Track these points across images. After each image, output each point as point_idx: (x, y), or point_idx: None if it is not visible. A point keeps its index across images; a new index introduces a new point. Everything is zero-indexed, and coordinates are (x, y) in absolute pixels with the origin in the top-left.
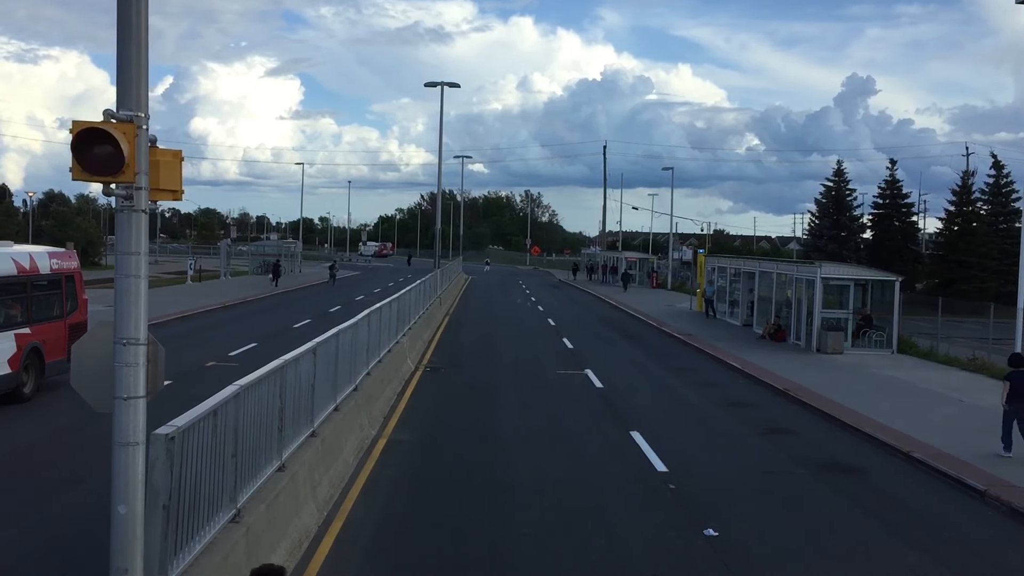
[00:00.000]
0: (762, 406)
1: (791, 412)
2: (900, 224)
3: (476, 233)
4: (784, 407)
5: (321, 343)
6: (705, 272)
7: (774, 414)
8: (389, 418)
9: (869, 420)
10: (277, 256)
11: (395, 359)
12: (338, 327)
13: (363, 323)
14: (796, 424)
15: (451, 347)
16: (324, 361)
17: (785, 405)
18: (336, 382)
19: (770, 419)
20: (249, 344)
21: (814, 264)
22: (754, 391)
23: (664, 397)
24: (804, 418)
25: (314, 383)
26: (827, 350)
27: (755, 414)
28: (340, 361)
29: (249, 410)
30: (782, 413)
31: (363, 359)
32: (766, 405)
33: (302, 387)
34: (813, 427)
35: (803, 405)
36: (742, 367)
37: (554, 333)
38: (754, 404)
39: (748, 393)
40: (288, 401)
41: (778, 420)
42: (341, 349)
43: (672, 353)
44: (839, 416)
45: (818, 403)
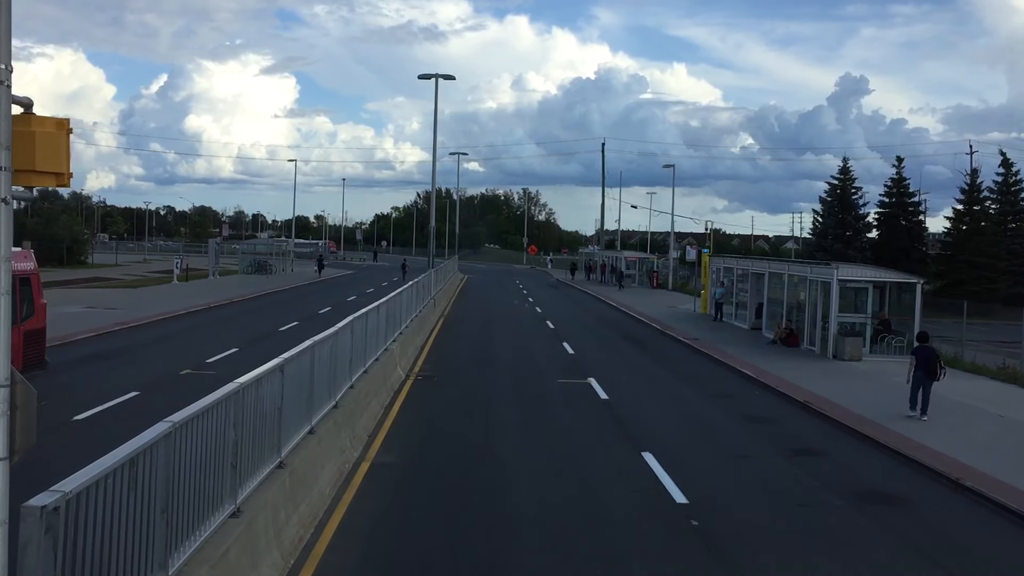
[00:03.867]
0: (783, 421)
1: (816, 428)
2: (907, 224)
3: (472, 232)
4: (807, 422)
5: (291, 358)
6: (710, 272)
7: (798, 431)
8: (375, 436)
9: (902, 438)
10: (320, 253)
11: (384, 368)
12: (314, 338)
13: (345, 331)
14: (824, 443)
15: (445, 353)
16: (296, 379)
17: (808, 420)
18: (311, 400)
19: (795, 437)
20: (230, 349)
21: (830, 265)
22: (772, 403)
23: (675, 410)
24: (831, 436)
25: (281, 406)
26: (844, 356)
27: (777, 431)
28: (317, 376)
29: (190, 449)
30: (807, 430)
31: (345, 371)
32: (788, 420)
33: (266, 412)
34: (843, 447)
35: (828, 420)
36: (756, 376)
37: (553, 337)
38: (774, 419)
39: (766, 405)
40: (246, 431)
41: (804, 438)
42: (319, 362)
43: (679, 359)
44: (869, 433)
45: (844, 417)
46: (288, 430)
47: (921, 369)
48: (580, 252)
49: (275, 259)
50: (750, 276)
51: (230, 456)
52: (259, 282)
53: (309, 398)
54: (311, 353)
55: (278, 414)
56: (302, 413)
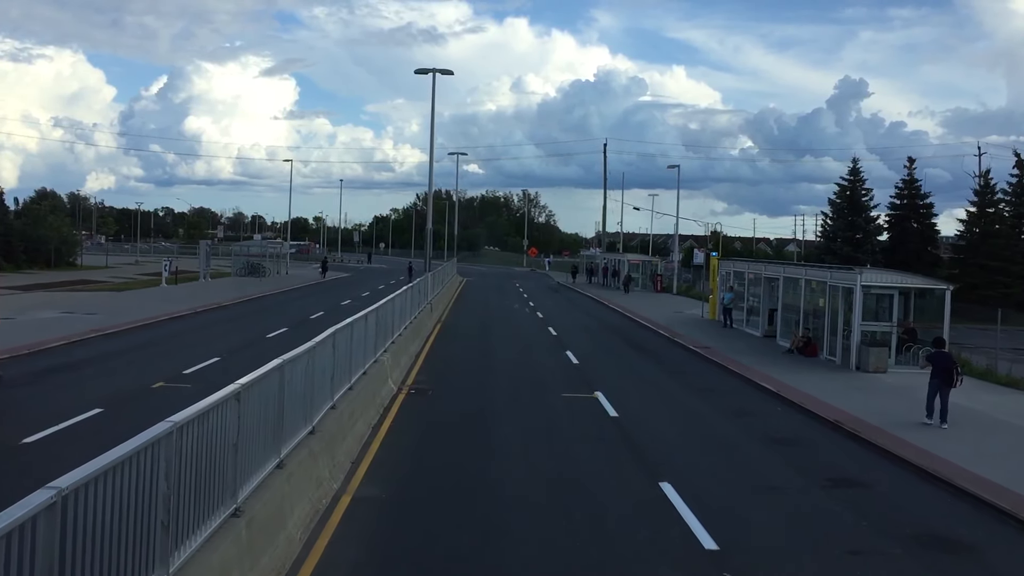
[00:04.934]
0: (815, 444)
1: (852, 453)
2: (918, 226)
3: (472, 234)
4: (841, 446)
5: (252, 383)
6: (719, 276)
7: (832, 456)
8: (359, 462)
9: (951, 465)
10: (324, 256)
11: (373, 382)
12: (283, 357)
13: (325, 346)
14: (864, 472)
15: (441, 362)
16: (259, 406)
17: (842, 443)
18: (281, 429)
19: (830, 464)
20: (210, 359)
21: (853, 270)
22: (798, 422)
23: (693, 431)
24: (871, 462)
25: (238, 441)
26: (868, 368)
27: (810, 457)
28: (288, 400)
29: (98, 513)
30: (841, 455)
31: (326, 390)
32: (819, 443)
33: (216, 451)
34: (885, 476)
35: (863, 443)
36: (776, 389)
37: (556, 344)
38: (804, 441)
39: (792, 425)
40: (187, 479)
41: (841, 466)
42: (291, 384)
43: (691, 370)
44: (913, 460)
45: (881, 439)
46: (247, 469)
47: (938, 376)
48: (581, 254)
49: (269, 261)
50: (763, 280)
51: (160, 513)
52: (251, 285)
53: (277, 426)
54: (280, 375)
55: (233, 452)
56: (267, 445)
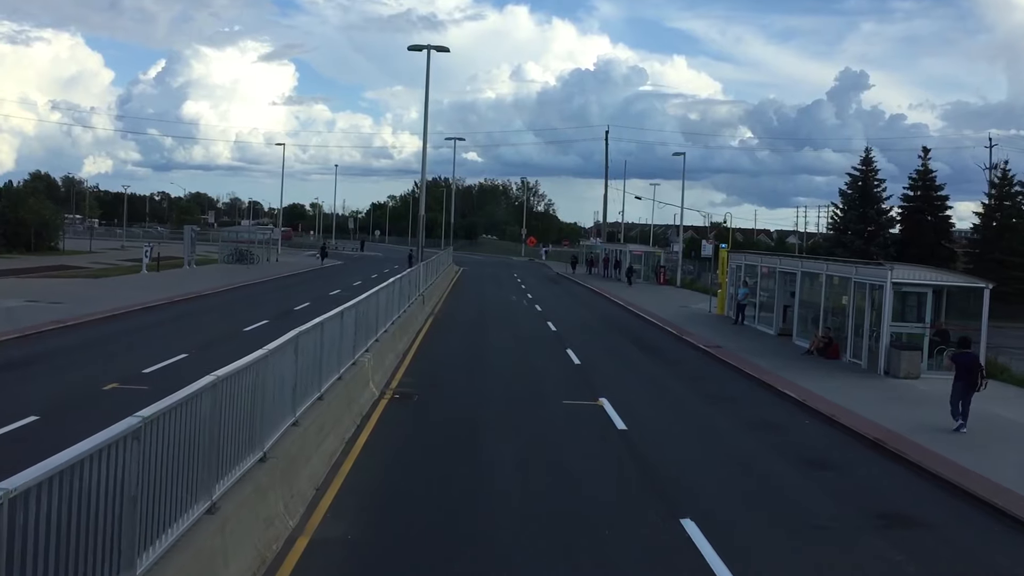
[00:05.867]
0: (856, 468)
1: (903, 481)
2: (932, 219)
3: (470, 222)
4: (887, 471)
5: (164, 412)
6: (729, 270)
7: (878, 484)
8: (325, 489)
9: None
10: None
11: (350, 388)
12: (216, 374)
13: (282, 353)
14: (921, 506)
15: (431, 362)
16: (178, 441)
17: (887, 467)
18: (214, 461)
19: (878, 496)
20: (177, 355)
21: (883, 265)
22: (832, 439)
23: (713, 449)
24: (925, 493)
25: (139, 492)
26: (899, 374)
27: (853, 485)
28: (226, 426)
29: None
30: (891, 484)
31: (285, 404)
32: (860, 467)
33: (105, 508)
34: (945, 509)
35: (913, 468)
36: (801, 398)
37: (556, 342)
38: (842, 464)
39: (825, 442)
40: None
41: (893, 498)
42: (232, 403)
43: (703, 373)
44: (976, 491)
45: (933, 464)
46: (155, 526)
47: (962, 378)
48: (581, 244)
49: (259, 248)
50: (777, 275)
51: None
52: (238, 273)
53: (209, 460)
54: (213, 396)
55: (132, 508)
56: (192, 487)
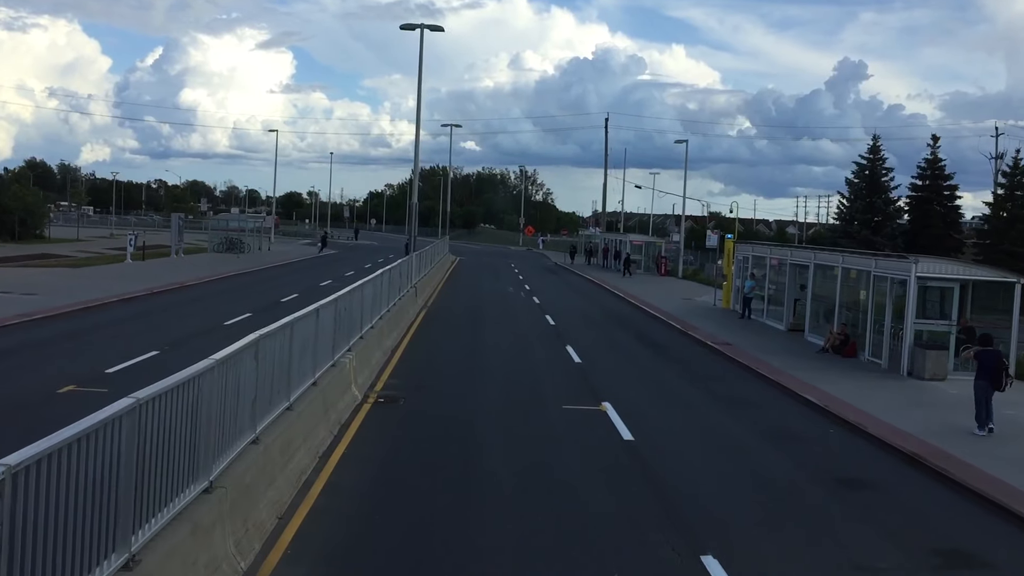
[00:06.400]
0: (894, 489)
1: (950, 506)
2: (941, 209)
3: (467, 211)
4: (931, 494)
5: (60, 447)
6: (734, 261)
7: (925, 509)
8: (290, 518)
9: None
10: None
11: (327, 393)
12: (136, 396)
13: (240, 359)
14: (976, 537)
15: (421, 360)
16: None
17: (930, 488)
18: (135, 507)
19: (929, 525)
20: (147, 353)
21: (907, 258)
22: (863, 452)
23: (731, 465)
24: (976, 519)
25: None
26: (924, 375)
27: (895, 510)
28: (152, 458)
29: None
30: (938, 509)
31: (243, 421)
32: (899, 487)
33: None
34: (1005, 542)
35: (960, 490)
36: (822, 403)
37: (554, 337)
38: (879, 483)
39: (856, 456)
40: None
41: (943, 528)
42: (163, 427)
43: (712, 372)
44: None
45: (980, 484)
46: None
47: (984, 377)
48: (579, 234)
49: (250, 236)
50: (788, 268)
51: None
52: (227, 262)
53: (126, 503)
54: (131, 424)
55: None
56: (101, 542)
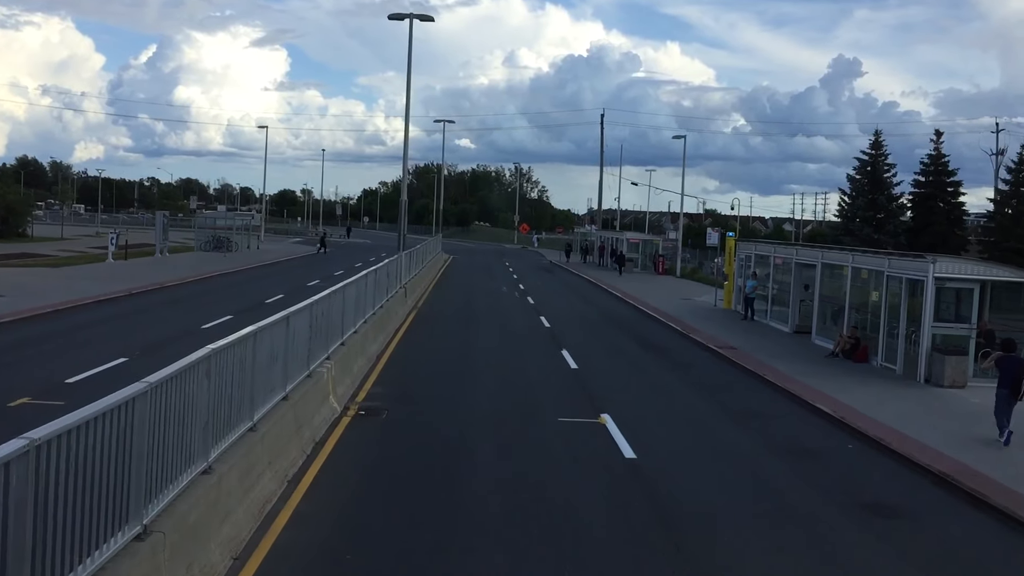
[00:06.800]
0: (928, 517)
1: (991, 535)
2: (944, 206)
3: (462, 209)
4: (969, 520)
5: None
6: (737, 260)
7: (970, 543)
8: (247, 559)
9: None
10: (323, 231)
11: (300, 408)
12: (45, 430)
13: (191, 376)
14: None
15: (408, 366)
16: None
17: (967, 514)
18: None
19: (973, 562)
20: (114, 360)
21: (924, 257)
22: (886, 471)
23: (746, 489)
24: None
25: None
26: (943, 382)
27: (933, 543)
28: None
29: None
30: (981, 540)
31: (191, 449)
32: (934, 514)
33: None
34: None
35: (999, 515)
36: (839, 415)
37: (550, 340)
38: (911, 511)
39: (880, 477)
40: None
41: (992, 567)
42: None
43: (720, 381)
44: None
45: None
46: None
47: (1006, 386)
48: (575, 232)
49: (239, 235)
50: (794, 267)
51: None
52: (213, 261)
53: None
54: (22, 471)
55: None
56: None
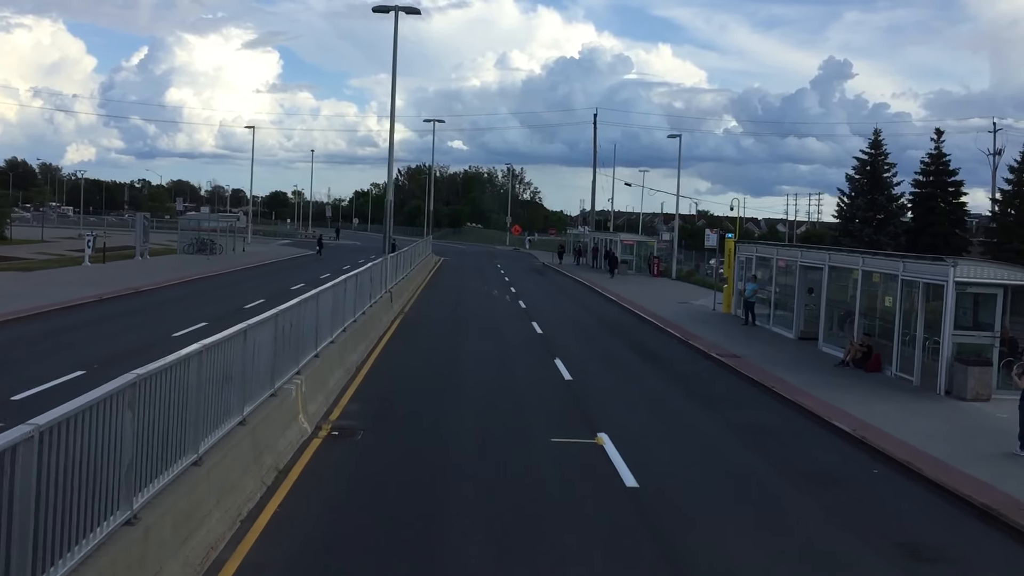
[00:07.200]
0: (977, 563)
1: None
2: (946, 206)
3: (454, 210)
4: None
5: None
6: (737, 262)
7: None
8: None
9: None
10: (319, 234)
11: (261, 432)
12: None
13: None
14: None
15: (389, 379)
16: None
17: (1017, 553)
18: None
19: None
20: (71, 373)
21: (944, 261)
22: (923, 504)
23: (766, 527)
24: None
25: None
26: (966, 394)
27: None
28: None
29: None
30: None
31: (111, 497)
32: (985, 558)
33: None
34: None
35: None
36: (859, 434)
37: (542, 349)
38: (959, 555)
39: (914, 510)
40: None
41: None
42: None
43: (725, 393)
44: None
45: None
46: None
47: None
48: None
49: (224, 237)
50: (798, 269)
51: None
52: (195, 264)
53: None
54: None
55: None
56: None
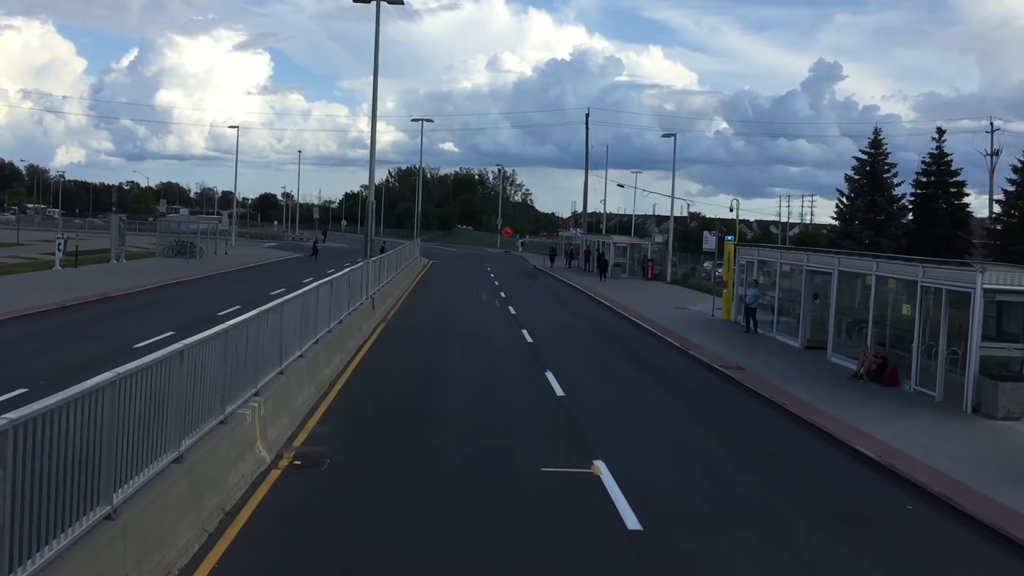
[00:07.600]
0: None
1: None
2: (948, 207)
3: (444, 212)
4: None
5: None
6: (736, 266)
7: None
8: None
9: None
10: (315, 237)
11: (201, 469)
12: None
13: None
14: None
15: (363, 397)
16: None
17: None
18: None
19: None
20: (13, 391)
21: (970, 266)
22: (972, 553)
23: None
24: None
25: None
26: (996, 413)
27: None
28: None
29: None
30: None
31: None
32: None
33: None
34: None
35: None
36: (887, 461)
37: (533, 360)
38: None
39: (962, 555)
40: None
41: None
42: None
43: (731, 411)
44: None
45: None
46: None
47: None
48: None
49: (205, 239)
50: (804, 274)
51: None
52: (174, 267)
53: None
54: None
55: None
56: None
